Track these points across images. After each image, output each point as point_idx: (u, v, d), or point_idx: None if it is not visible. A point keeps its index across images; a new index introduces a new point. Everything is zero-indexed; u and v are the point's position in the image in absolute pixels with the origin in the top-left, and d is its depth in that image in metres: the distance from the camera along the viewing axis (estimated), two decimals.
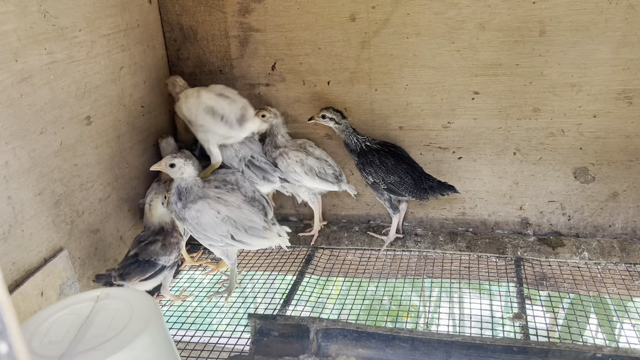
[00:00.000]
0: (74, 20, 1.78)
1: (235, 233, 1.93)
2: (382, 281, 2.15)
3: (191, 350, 1.81)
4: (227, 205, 1.94)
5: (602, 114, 2.09)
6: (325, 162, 2.28)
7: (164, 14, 2.33)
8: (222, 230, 1.92)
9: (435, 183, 2.17)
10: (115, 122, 2.03)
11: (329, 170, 2.27)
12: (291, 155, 2.23)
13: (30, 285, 1.59)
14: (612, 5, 1.93)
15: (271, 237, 1.96)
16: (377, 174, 2.16)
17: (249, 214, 1.96)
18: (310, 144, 2.34)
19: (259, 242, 1.97)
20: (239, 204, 1.97)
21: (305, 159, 2.23)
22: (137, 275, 1.82)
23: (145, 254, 1.85)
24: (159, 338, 1.17)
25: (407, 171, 2.16)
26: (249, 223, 1.94)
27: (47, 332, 1.16)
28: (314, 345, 1.70)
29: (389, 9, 2.12)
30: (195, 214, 1.91)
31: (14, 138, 1.55)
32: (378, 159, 2.16)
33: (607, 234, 2.27)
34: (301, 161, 2.22)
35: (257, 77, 2.35)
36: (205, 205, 1.92)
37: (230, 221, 1.92)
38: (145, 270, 1.84)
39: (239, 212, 1.94)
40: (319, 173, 2.24)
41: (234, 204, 1.96)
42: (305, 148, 2.30)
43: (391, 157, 2.17)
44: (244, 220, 1.93)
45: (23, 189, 1.59)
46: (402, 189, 2.16)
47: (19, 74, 1.55)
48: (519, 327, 1.81)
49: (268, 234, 1.95)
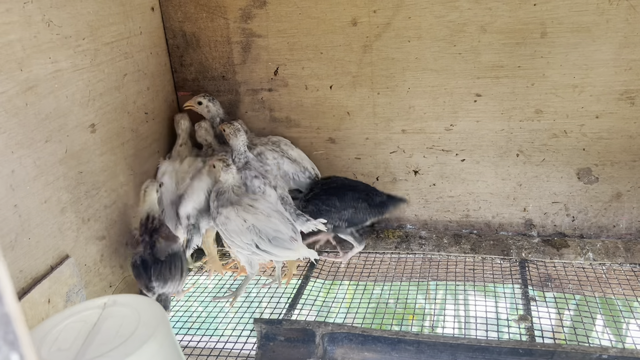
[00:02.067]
0: (78, 29, 1.79)
1: (259, 242, 1.91)
2: (387, 284, 2.15)
3: (197, 355, 1.82)
4: (255, 213, 1.92)
5: (605, 114, 2.09)
6: (298, 166, 2.24)
7: (167, 21, 2.34)
8: (247, 239, 1.91)
9: (385, 197, 2.18)
10: (120, 129, 2.04)
11: (304, 175, 2.24)
12: (268, 155, 2.21)
13: (37, 292, 1.60)
14: (613, 7, 1.93)
15: (298, 249, 1.92)
16: (331, 218, 2.12)
17: (277, 224, 1.92)
18: (286, 142, 2.31)
19: (284, 253, 1.93)
20: (270, 212, 1.94)
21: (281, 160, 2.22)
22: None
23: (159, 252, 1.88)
24: (167, 344, 1.17)
25: (355, 197, 2.14)
26: (274, 233, 1.90)
27: (55, 339, 1.17)
28: (319, 349, 1.71)
29: (390, 13, 2.12)
30: (224, 220, 1.93)
31: (20, 147, 1.56)
32: (323, 202, 2.13)
33: (611, 235, 2.27)
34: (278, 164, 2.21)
35: (259, 83, 2.36)
36: (232, 213, 1.92)
37: (255, 230, 1.90)
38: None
39: (266, 222, 1.91)
40: (293, 179, 2.22)
41: (264, 212, 1.93)
42: (280, 145, 2.27)
43: (332, 195, 2.14)
44: (269, 230, 1.90)
45: (29, 198, 1.60)
46: (361, 215, 2.16)
47: (24, 83, 1.57)
48: (525, 329, 1.81)
49: (295, 245, 1.91)
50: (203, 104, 2.25)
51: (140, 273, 1.85)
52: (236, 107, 2.43)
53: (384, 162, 2.38)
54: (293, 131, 2.40)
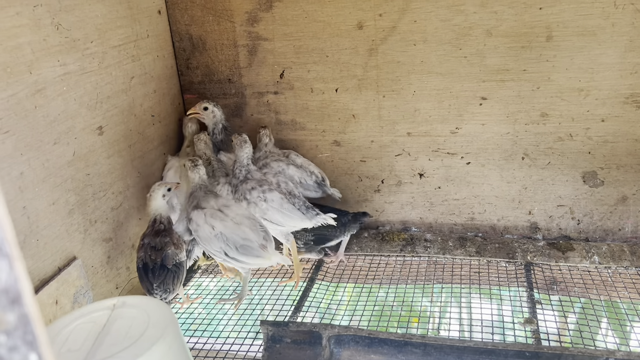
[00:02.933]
0: (86, 32, 1.81)
1: (227, 250, 1.88)
2: (392, 287, 2.16)
3: (204, 357, 1.82)
4: (223, 220, 1.89)
5: (611, 118, 2.10)
6: (304, 172, 2.27)
7: (173, 24, 2.36)
8: (216, 247, 1.89)
9: (350, 217, 2.24)
10: (127, 132, 2.05)
11: (310, 179, 2.26)
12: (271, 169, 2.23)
13: (45, 294, 1.61)
14: (619, 10, 1.94)
15: (268, 257, 1.88)
16: (301, 238, 2.21)
17: (246, 232, 1.88)
18: (294, 153, 2.35)
19: (253, 261, 1.90)
20: (240, 219, 1.90)
21: (287, 168, 2.24)
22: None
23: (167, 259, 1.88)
24: (176, 346, 1.18)
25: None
26: (242, 241, 1.86)
27: (66, 340, 1.17)
28: (326, 351, 1.71)
29: (396, 17, 2.13)
30: (195, 227, 1.92)
31: (29, 149, 1.57)
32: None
33: (617, 238, 2.27)
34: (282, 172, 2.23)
35: (265, 86, 2.37)
36: (201, 219, 1.91)
37: (222, 237, 1.87)
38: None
39: (234, 229, 1.88)
40: (300, 183, 2.24)
41: (234, 219, 1.90)
42: (289, 156, 2.31)
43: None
44: (237, 238, 1.87)
45: (37, 199, 1.61)
46: (329, 234, 2.20)
47: (33, 86, 1.58)
48: (531, 332, 1.81)
49: (264, 253, 1.87)
50: (209, 109, 2.24)
51: (142, 276, 1.86)
52: (242, 109, 2.44)
53: (389, 165, 2.39)
54: (298, 134, 2.40)
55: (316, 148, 2.42)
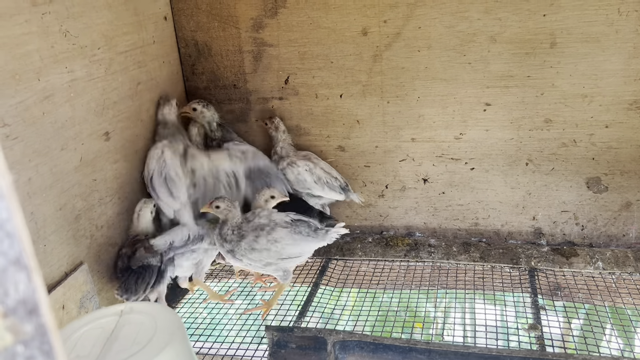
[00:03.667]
0: (93, 39, 1.82)
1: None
2: (397, 292, 2.16)
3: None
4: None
5: (614, 124, 2.10)
6: (329, 175, 2.31)
7: (179, 30, 2.37)
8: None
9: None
10: (133, 137, 2.07)
11: (335, 182, 2.30)
12: (300, 163, 2.26)
13: (52, 299, 1.62)
14: (623, 17, 1.95)
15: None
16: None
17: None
18: (314, 156, 2.37)
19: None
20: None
21: (314, 167, 2.27)
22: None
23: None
24: (183, 352, 1.19)
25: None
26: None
27: (74, 346, 1.18)
28: (331, 357, 1.72)
29: (400, 23, 2.14)
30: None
31: (37, 155, 1.58)
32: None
33: (621, 244, 2.27)
34: (310, 170, 2.25)
35: (270, 91, 2.39)
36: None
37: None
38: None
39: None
40: (327, 183, 2.27)
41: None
42: (311, 159, 2.33)
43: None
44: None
45: (45, 205, 1.62)
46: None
47: (41, 93, 1.59)
48: (535, 338, 1.82)
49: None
50: (197, 109, 2.26)
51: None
52: (247, 115, 2.45)
53: (393, 170, 2.39)
54: (303, 139, 2.41)
55: (321, 153, 2.43)
